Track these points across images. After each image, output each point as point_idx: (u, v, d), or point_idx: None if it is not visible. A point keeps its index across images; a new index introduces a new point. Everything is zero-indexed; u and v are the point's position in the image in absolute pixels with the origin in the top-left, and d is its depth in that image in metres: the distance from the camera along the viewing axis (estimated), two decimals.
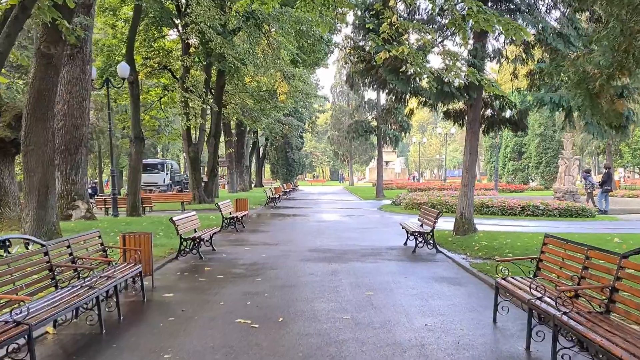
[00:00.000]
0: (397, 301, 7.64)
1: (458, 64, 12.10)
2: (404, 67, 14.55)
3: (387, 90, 16.14)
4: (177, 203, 27.43)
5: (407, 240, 13.38)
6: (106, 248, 7.91)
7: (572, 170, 24.93)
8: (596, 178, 30.80)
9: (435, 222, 11.97)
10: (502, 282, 6.48)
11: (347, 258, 11.41)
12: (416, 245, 12.19)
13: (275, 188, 35.63)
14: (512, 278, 6.60)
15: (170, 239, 13.15)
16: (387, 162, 79.12)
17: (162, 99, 37.71)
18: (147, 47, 30.63)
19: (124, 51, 30.09)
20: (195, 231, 12.68)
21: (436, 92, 14.03)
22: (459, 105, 16.53)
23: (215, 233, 13.10)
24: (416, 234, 12.17)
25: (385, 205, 27.55)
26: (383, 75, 14.49)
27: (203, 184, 31.06)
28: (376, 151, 75.76)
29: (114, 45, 29.98)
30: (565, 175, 24.79)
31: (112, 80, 20.81)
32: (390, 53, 10.67)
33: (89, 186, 44.58)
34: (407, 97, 16.09)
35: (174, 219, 11.27)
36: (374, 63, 14.70)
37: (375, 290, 8.32)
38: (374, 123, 37.49)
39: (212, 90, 31.75)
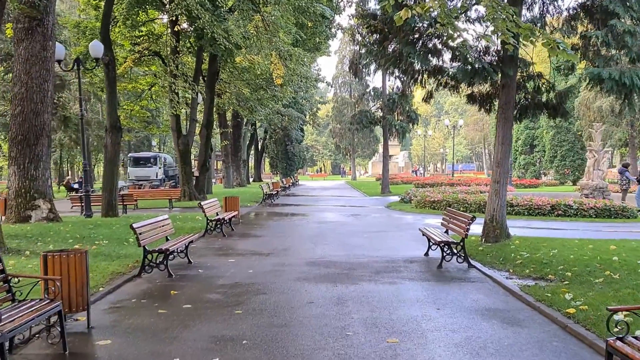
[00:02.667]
0: (435, 357, 5.16)
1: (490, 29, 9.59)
2: (424, 38, 12.12)
3: (401, 70, 13.65)
4: (165, 200, 25.00)
5: (428, 249, 10.89)
6: (9, 277, 5.44)
7: (601, 164, 22.43)
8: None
9: (467, 230, 9.47)
10: (622, 346, 3.98)
11: (356, 276, 8.92)
12: (443, 257, 9.69)
13: (273, 183, 33.15)
14: (636, 339, 4.09)
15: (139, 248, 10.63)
16: (390, 156, 76.73)
17: (153, 88, 35.19)
18: (133, 30, 28.03)
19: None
20: (167, 239, 10.21)
21: (463, 69, 11.62)
22: (486, 87, 14.06)
23: (191, 242, 10.60)
24: (443, 244, 9.66)
25: (393, 203, 25.04)
26: (398, 49, 12.00)
27: (194, 179, 28.60)
28: (380, 144, 73.57)
29: (98, 28, 27.42)
30: (593, 170, 22.30)
31: (85, 62, 18.31)
32: (414, 10, 8.17)
33: (76, 181, 42.23)
34: (425, 76, 13.60)
35: (135, 225, 8.79)
36: (387, 33, 12.24)
37: (401, 334, 5.85)
38: (379, 113, 34.92)
39: (205, 78, 29.36)
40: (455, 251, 9.70)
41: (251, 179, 59.97)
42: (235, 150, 43.80)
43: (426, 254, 10.85)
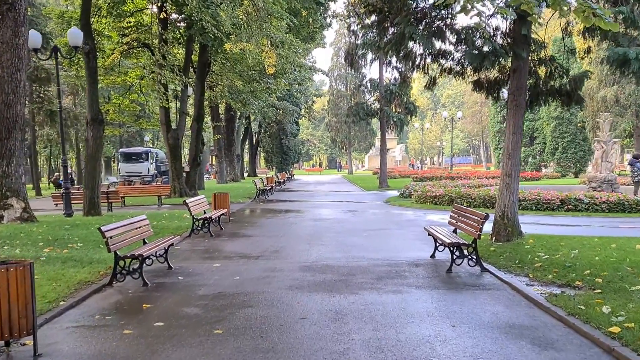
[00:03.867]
0: None
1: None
2: (427, 19, 11.06)
3: (402, 55, 12.56)
4: (154, 197, 23.90)
5: (435, 250, 9.86)
6: None
7: (610, 156, 21.41)
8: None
9: (480, 230, 8.42)
10: None
11: (355, 284, 7.88)
12: (452, 261, 8.64)
13: (267, 178, 32.03)
14: None
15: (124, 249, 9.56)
16: (387, 150, 75.69)
17: (143, 81, 34.00)
18: (119, 21, 26.84)
19: (95, 25, 26.68)
20: (145, 243, 9.16)
21: (472, 53, 10.58)
22: (493, 73, 13.01)
23: (172, 245, 9.53)
24: (453, 247, 8.61)
25: (392, 198, 23.99)
26: (399, 30, 10.93)
27: (185, 175, 27.49)
28: (376, 138, 72.47)
29: None
30: (602, 162, 21.28)
31: (73, 53, 17.17)
32: None
33: (69, 177, 41.01)
34: (428, 61, 12.56)
35: (105, 228, 7.72)
36: (387, 13, 11.17)
37: None
38: (376, 105, 33.86)
39: (195, 69, 28.23)
40: (466, 253, 8.67)
41: (246, 174, 58.82)
42: (229, 145, 42.64)
43: (432, 256, 9.82)
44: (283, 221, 16.24)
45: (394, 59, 35.23)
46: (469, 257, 8.63)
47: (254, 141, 60.22)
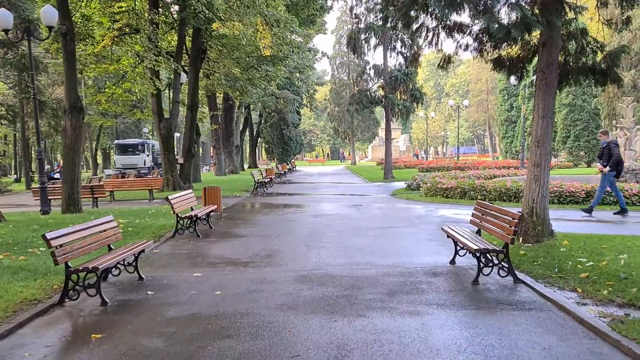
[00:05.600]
0: None
1: None
2: None
3: (413, 29, 11.00)
4: (146, 191, 22.46)
5: (455, 255, 8.35)
6: None
7: (633, 144, 19.83)
8: None
9: (514, 232, 6.90)
10: None
11: (362, 301, 6.38)
12: (479, 270, 7.13)
13: (267, 170, 30.51)
14: None
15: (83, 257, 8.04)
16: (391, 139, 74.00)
17: (138, 68, 32.44)
18: (109, 4, 25.28)
19: (84, 10, 25.14)
20: (110, 249, 7.69)
21: (498, 22, 9.03)
22: (515, 50, 11.46)
23: (142, 251, 8.05)
24: (481, 253, 7.09)
25: (399, 191, 22.46)
26: None
27: (179, 167, 26.04)
28: (379, 128, 70.82)
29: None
30: (625, 150, 19.69)
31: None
32: None
33: (57, 170, 39.59)
34: (443, 36, 11.01)
35: (50, 235, 6.25)
36: None
37: None
38: (381, 92, 32.25)
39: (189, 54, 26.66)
40: (495, 260, 7.16)
41: (246, 166, 57.39)
42: (227, 135, 41.12)
43: (452, 262, 8.32)
44: (280, 218, 14.73)
45: (398, 44, 33.72)
46: (500, 264, 7.12)
47: (255, 132, 58.67)
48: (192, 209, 12.66)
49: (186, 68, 26.92)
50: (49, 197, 18.08)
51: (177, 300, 6.58)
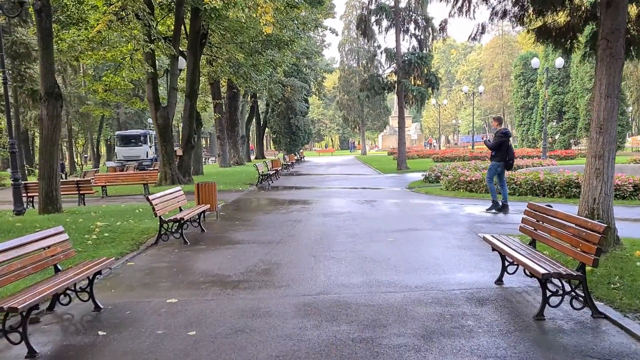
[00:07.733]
0: None
1: None
2: None
3: None
4: (140, 185, 20.80)
5: (503, 272, 6.51)
6: None
7: None
8: None
9: (598, 252, 5.02)
10: None
11: (388, 352, 4.54)
12: (545, 301, 5.26)
13: (273, 161, 28.70)
14: None
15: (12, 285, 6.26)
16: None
17: (136, 55, 30.66)
18: None
19: None
20: (57, 270, 5.94)
21: None
22: (562, 17, 9.56)
23: (99, 273, 6.27)
24: (546, 279, 5.23)
25: (416, 183, 20.59)
26: None
27: (177, 159, 24.32)
28: (390, 116, 68.74)
29: None
30: None
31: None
32: None
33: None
34: (476, 0, 9.18)
35: None
36: None
37: None
38: (393, 78, 30.28)
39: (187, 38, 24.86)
40: (568, 287, 5.31)
41: (253, 157, 55.65)
42: (232, 125, 39.33)
43: (499, 281, 6.48)
44: (284, 217, 12.90)
45: (412, 26, 31.63)
46: (573, 292, 5.28)
47: (261, 121, 56.84)
48: (180, 210, 10.92)
49: (185, 53, 25.18)
50: (30, 195, 16.50)
51: (134, 349, 4.80)
